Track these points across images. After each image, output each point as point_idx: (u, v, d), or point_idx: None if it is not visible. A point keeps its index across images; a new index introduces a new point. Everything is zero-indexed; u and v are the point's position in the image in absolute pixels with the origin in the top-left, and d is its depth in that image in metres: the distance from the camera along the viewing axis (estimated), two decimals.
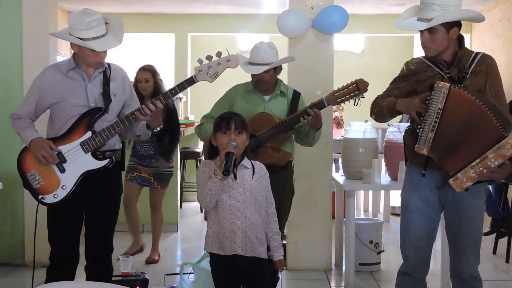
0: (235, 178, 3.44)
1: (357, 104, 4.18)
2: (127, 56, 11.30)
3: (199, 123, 4.54)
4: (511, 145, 3.23)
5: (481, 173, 3.30)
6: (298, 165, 5.65)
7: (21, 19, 5.73)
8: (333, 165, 6.94)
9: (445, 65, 3.55)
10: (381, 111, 3.72)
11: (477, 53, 3.57)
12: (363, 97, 4.17)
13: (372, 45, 12.38)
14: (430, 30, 3.49)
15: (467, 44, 10.96)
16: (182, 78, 10.63)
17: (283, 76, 4.70)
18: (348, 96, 4.16)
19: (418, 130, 3.48)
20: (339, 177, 5.64)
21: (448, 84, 3.36)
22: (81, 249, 3.96)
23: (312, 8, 5.62)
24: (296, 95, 4.47)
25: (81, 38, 3.71)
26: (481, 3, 8.74)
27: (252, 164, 3.55)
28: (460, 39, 3.58)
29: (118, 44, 3.81)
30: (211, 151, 3.55)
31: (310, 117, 4.12)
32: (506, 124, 3.28)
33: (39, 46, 5.71)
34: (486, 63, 3.53)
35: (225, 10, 9.60)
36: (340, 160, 5.80)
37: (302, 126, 4.30)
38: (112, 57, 3.99)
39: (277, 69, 4.42)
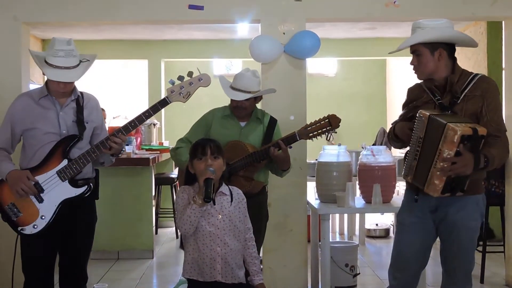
0: (214, 204, 3.46)
1: (329, 138, 4.24)
2: (101, 82, 11.31)
3: (174, 146, 4.50)
4: (452, 129, 3.19)
5: (443, 168, 3.25)
6: (272, 190, 5.64)
7: None
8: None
9: (437, 91, 3.50)
10: (389, 137, 3.77)
11: (474, 76, 3.46)
12: (335, 132, 4.22)
13: (345, 68, 12.50)
14: (417, 53, 3.47)
15: None
16: None
17: None
18: (320, 131, 4.23)
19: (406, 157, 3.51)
20: (313, 201, 5.65)
21: (428, 114, 3.35)
22: (56, 278, 3.93)
23: (284, 33, 5.66)
24: (273, 122, 4.50)
25: (46, 62, 3.70)
26: None
27: (230, 190, 3.56)
28: (453, 62, 3.50)
29: (73, 80, 3.76)
30: (188, 177, 3.55)
31: (280, 150, 4.14)
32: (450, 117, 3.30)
33: (12, 75, 5.64)
34: (482, 87, 3.42)
35: (198, 36, 9.64)
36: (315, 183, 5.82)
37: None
38: (87, 82, 3.97)
39: (258, 98, 4.47)
